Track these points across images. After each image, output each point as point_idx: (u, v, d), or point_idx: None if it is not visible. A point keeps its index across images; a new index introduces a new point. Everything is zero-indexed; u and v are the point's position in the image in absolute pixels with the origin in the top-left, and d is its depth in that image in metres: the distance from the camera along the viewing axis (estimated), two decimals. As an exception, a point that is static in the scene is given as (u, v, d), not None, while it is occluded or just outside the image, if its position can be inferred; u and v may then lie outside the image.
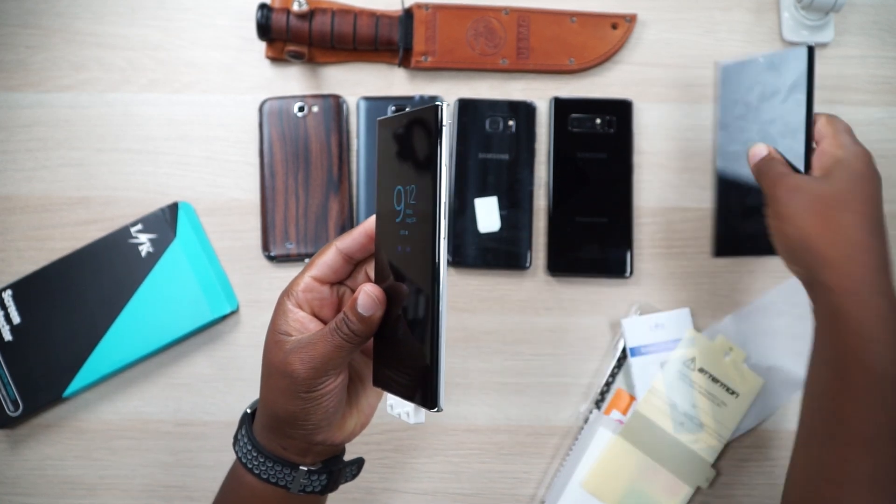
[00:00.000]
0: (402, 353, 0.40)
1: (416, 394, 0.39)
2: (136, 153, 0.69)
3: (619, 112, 0.69)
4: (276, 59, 0.70)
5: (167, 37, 0.70)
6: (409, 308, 0.39)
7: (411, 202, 0.39)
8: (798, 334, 0.67)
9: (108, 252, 0.66)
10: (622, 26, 0.70)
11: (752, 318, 0.67)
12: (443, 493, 0.66)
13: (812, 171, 0.53)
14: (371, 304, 0.40)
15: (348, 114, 0.69)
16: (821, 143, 0.54)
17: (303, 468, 0.45)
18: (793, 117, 0.55)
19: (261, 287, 0.68)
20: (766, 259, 0.68)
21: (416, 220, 0.39)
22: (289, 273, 0.68)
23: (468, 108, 0.68)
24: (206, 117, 0.70)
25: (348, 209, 0.68)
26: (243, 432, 0.46)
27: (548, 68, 0.69)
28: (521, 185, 0.68)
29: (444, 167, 0.37)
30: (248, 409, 0.48)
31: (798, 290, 0.67)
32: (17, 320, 0.65)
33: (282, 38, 0.68)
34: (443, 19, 0.69)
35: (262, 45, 0.70)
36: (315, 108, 0.68)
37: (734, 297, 0.68)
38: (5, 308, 0.66)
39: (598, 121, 0.69)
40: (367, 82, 0.70)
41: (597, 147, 0.68)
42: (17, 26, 0.70)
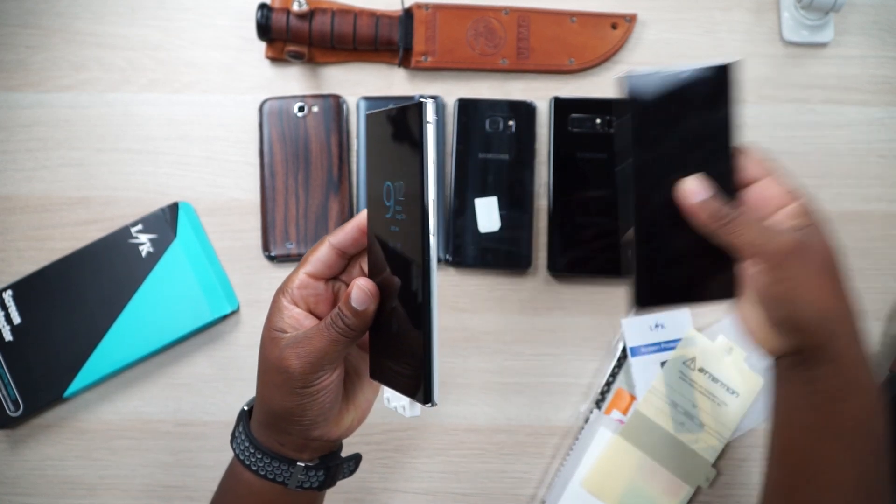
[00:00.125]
0: (396, 346, 0.40)
1: (411, 388, 0.39)
2: (136, 153, 0.69)
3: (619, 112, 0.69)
4: (276, 59, 0.70)
5: (167, 37, 0.70)
6: (402, 302, 0.39)
7: (400, 198, 0.39)
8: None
9: (109, 252, 0.66)
10: (622, 26, 0.70)
11: (752, 318, 0.67)
12: (443, 493, 0.66)
13: (773, 219, 0.46)
14: (364, 297, 0.40)
15: (348, 114, 0.69)
16: (770, 184, 0.46)
17: (300, 464, 0.45)
18: (711, 141, 0.47)
19: (261, 287, 0.68)
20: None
21: (405, 217, 0.39)
22: (289, 273, 0.68)
23: (468, 108, 0.68)
24: (206, 117, 0.70)
25: (348, 209, 0.68)
26: (240, 429, 0.46)
27: (548, 68, 0.69)
28: (521, 185, 0.68)
29: (431, 163, 0.37)
30: (245, 407, 0.48)
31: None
32: (17, 320, 0.65)
33: (282, 38, 0.68)
34: (443, 19, 0.69)
35: (262, 45, 0.70)
36: (315, 108, 0.68)
37: (734, 297, 0.68)
38: (5, 308, 0.66)
39: (598, 121, 0.69)
40: (367, 82, 0.70)
41: (597, 147, 0.68)
42: (17, 26, 0.70)
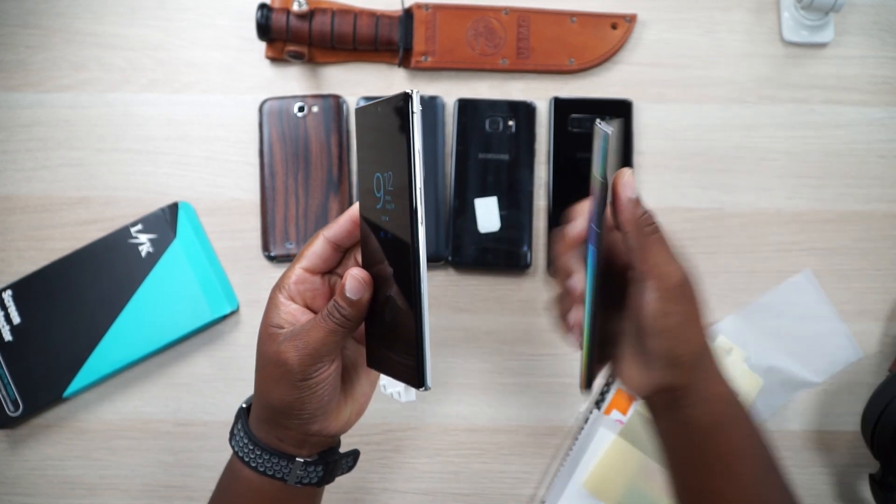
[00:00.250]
0: (390, 334, 0.41)
1: (405, 373, 0.40)
2: (136, 153, 0.69)
3: (619, 112, 0.69)
4: (276, 59, 0.70)
5: (167, 37, 0.70)
6: (395, 290, 0.40)
7: (389, 188, 0.40)
8: (798, 334, 0.67)
9: (108, 252, 0.66)
10: (622, 26, 0.70)
11: (752, 318, 0.67)
12: (443, 493, 0.66)
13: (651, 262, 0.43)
14: (358, 287, 0.41)
15: (348, 114, 0.69)
16: (633, 215, 0.45)
17: (299, 460, 0.45)
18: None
19: (261, 287, 0.68)
20: (766, 258, 0.68)
21: (394, 206, 0.39)
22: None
23: (468, 108, 0.68)
24: (206, 117, 0.70)
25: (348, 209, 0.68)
26: (239, 426, 0.46)
27: (548, 68, 0.69)
28: (521, 185, 0.68)
29: (418, 153, 0.38)
30: (244, 405, 0.48)
31: (798, 290, 0.68)
32: (17, 320, 0.65)
33: (282, 38, 0.68)
34: (443, 19, 0.69)
35: (262, 45, 0.70)
36: (315, 108, 0.68)
37: (734, 297, 0.68)
38: (5, 308, 0.66)
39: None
40: (367, 82, 0.70)
41: (597, 147, 0.68)
42: (17, 26, 0.70)
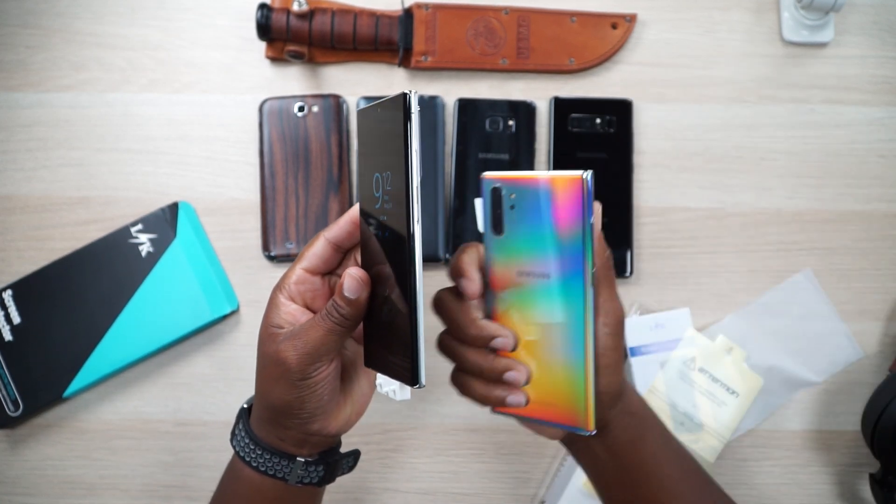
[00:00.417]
0: (388, 333, 0.41)
1: (400, 371, 0.40)
2: (136, 153, 0.69)
3: (619, 112, 0.69)
4: (276, 59, 0.70)
5: (167, 37, 0.70)
6: (392, 291, 0.40)
7: (387, 188, 0.40)
8: (798, 334, 0.67)
9: (108, 252, 0.66)
10: (622, 26, 0.70)
11: (752, 318, 0.67)
12: (443, 493, 0.66)
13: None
14: (356, 286, 0.41)
15: (348, 114, 0.69)
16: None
17: (300, 459, 0.45)
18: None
19: (261, 287, 0.68)
20: (766, 258, 0.68)
21: (392, 206, 0.40)
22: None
23: (468, 108, 0.68)
24: (206, 117, 0.70)
25: (348, 209, 0.68)
26: (240, 426, 0.47)
27: (548, 68, 0.69)
28: (521, 185, 0.68)
29: (415, 153, 0.38)
30: (245, 405, 0.48)
31: (798, 289, 0.68)
32: (17, 320, 0.65)
33: (282, 38, 0.68)
34: (443, 19, 0.69)
35: (262, 45, 0.70)
36: (315, 108, 0.68)
37: (734, 297, 0.68)
38: (5, 308, 0.66)
39: (598, 121, 0.69)
40: (367, 82, 0.70)
41: (597, 147, 0.68)
42: (17, 26, 0.70)
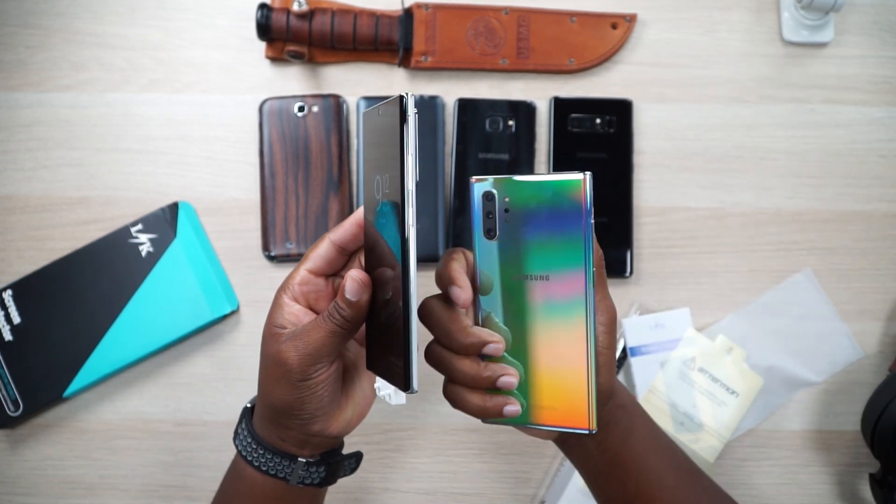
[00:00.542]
0: (387, 337, 0.41)
1: (395, 375, 0.40)
2: (136, 153, 0.69)
3: (619, 112, 0.69)
4: (276, 59, 0.70)
5: (167, 37, 0.70)
6: (389, 294, 0.40)
7: (385, 191, 0.40)
8: (798, 334, 0.67)
9: (109, 252, 0.66)
10: (622, 26, 0.70)
11: (752, 318, 0.67)
12: (443, 493, 0.66)
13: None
14: (357, 288, 0.41)
15: (348, 114, 0.69)
16: None
17: (301, 460, 0.45)
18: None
19: (261, 287, 0.68)
20: (766, 258, 0.68)
21: (389, 208, 0.40)
22: (289, 272, 0.68)
23: (468, 108, 0.68)
24: (206, 117, 0.70)
25: (348, 209, 0.68)
26: (243, 426, 0.47)
27: (548, 68, 0.69)
28: (521, 184, 0.68)
29: (411, 156, 0.38)
30: (248, 404, 0.48)
31: (798, 289, 0.68)
32: (17, 320, 0.65)
33: (282, 37, 0.68)
34: (443, 19, 0.69)
35: (262, 45, 0.70)
36: (315, 108, 0.68)
37: (734, 297, 0.68)
38: (5, 308, 0.66)
39: (598, 121, 0.69)
40: (367, 82, 0.70)
41: (597, 147, 0.68)
42: (17, 26, 0.70)
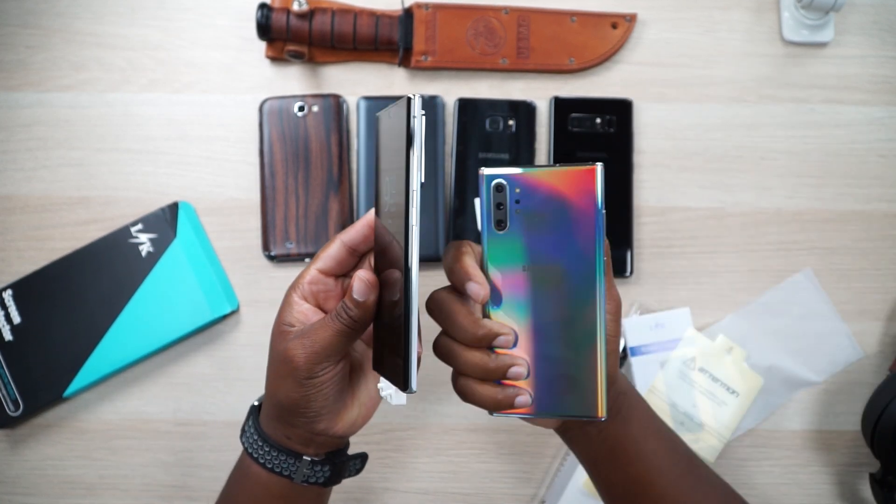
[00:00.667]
0: (389, 337, 0.41)
1: (395, 375, 0.40)
2: (136, 153, 0.69)
3: (619, 112, 0.69)
4: (276, 58, 0.70)
5: (167, 37, 0.70)
6: (397, 295, 0.40)
7: (392, 192, 0.40)
8: (798, 334, 0.67)
9: (109, 252, 0.66)
10: (622, 26, 0.70)
11: (752, 318, 0.67)
12: (443, 493, 0.66)
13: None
14: (364, 288, 0.41)
15: (348, 113, 0.69)
16: None
17: (306, 458, 0.46)
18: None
19: (261, 287, 0.68)
20: (766, 258, 0.68)
21: (395, 210, 0.40)
22: (289, 273, 0.68)
23: (468, 108, 0.68)
24: (206, 117, 0.70)
25: (348, 209, 0.68)
26: (250, 423, 0.47)
27: (548, 68, 0.69)
28: (521, 184, 0.68)
29: (416, 157, 0.38)
30: (256, 402, 0.49)
31: (798, 289, 0.68)
32: (17, 320, 0.65)
33: (282, 37, 0.68)
34: (443, 19, 0.69)
35: (262, 44, 0.70)
36: (315, 108, 0.68)
37: (734, 297, 0.68)
38: (5, 308, 0.66)
39: (598, 120, 0.69)
40: (367, 82, 0.70)
41: (597, 147, 0.68)
42: (17, 26, 0.70)
